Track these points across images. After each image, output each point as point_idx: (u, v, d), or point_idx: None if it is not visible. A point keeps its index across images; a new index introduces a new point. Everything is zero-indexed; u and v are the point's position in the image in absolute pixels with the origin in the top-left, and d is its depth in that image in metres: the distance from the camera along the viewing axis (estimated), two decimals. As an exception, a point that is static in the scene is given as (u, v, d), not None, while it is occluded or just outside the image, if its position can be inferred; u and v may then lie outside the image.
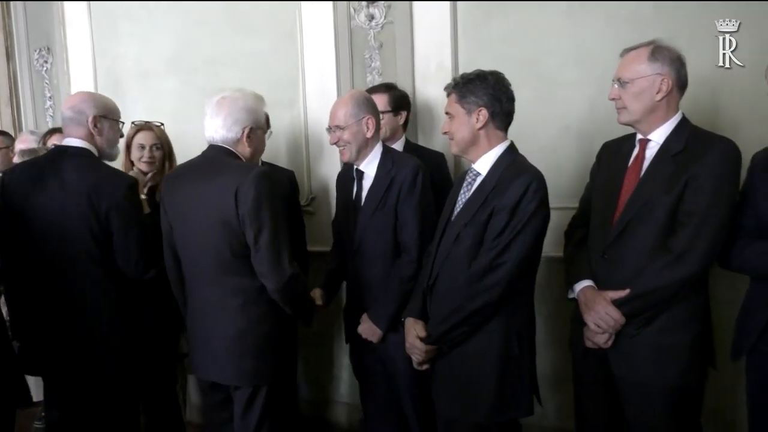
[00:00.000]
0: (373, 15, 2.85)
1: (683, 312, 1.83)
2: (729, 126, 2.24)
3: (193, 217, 1.97)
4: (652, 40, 1.88)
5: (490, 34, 2.69)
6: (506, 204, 1.81)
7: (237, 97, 2.02)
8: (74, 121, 2.16)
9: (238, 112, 2.00)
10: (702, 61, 2.38)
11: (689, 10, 2.40)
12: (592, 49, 2.49)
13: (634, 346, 1.86)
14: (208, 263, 1.96)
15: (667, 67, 1.82)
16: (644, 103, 1.84)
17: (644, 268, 1.81)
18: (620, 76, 1.86)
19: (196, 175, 1.99)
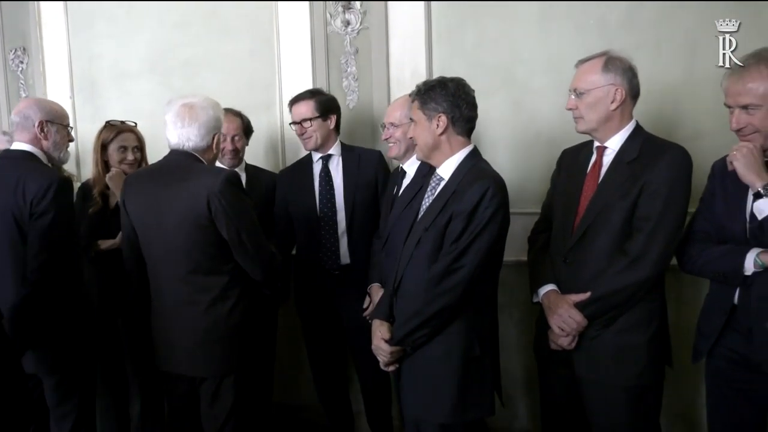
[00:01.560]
0: (349, 21, 2.88)
1: (641, 313, 1.89)
2: (689, 136, 2.31)
3: (161, 220, 2.02)
4: (604, 51, 1.94)
5: (464, 41, 2.74)
6: (463, 209, 1.83)
7: (206, 106, 2.07)
8: (21, 126, 2.21)
9: (209, 121, 2.07)
10: (670, 68, 2.45)
11: (653, 19, 2.47)
12: (562, 57, 2.53)
13: (596, 348, 1.91)
14: (178, 263, 2.02)
15: (619, 78, 1.89)
16: (599, 112, 1.91)
17: (603, 271, 1.87)
18: (576, 87, 1.93)
19: (162, 179, 2.05)
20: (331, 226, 2.63)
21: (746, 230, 1.75)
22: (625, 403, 1.91)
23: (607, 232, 1.88)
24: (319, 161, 2.69)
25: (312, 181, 2.68)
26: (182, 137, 2.05)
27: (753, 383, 1.78)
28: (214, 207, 1.95)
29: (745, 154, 1.69)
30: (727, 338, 1.82)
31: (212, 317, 2.03)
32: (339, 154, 2.68)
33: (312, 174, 2.69)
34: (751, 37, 2.28)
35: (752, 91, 1.67)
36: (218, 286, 2.03)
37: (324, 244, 2.63)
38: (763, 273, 1.69)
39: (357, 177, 2.61)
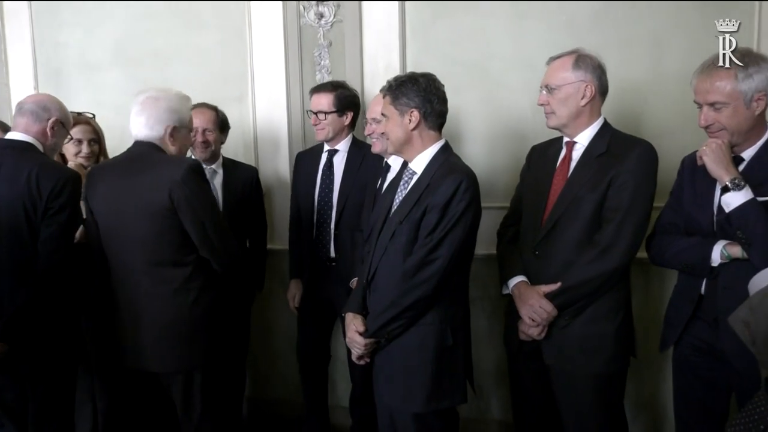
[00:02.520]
0: (322, 13, 2.87)
1: (609, 303, 1.96)
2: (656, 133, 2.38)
3: (121, 211, 2.02)
4: (575, 49, 1.99)
5: (438, 36, 2.76)
6: (438, 202, 1.85)
7: (160, 97, 2.08)
8: (35, 116, 2.15)
9: (161, 112, 2.06)
10: (638, 66, 2.52)
11: (621, 18, 2.53)
12: (533, 54, 2.57)
13: (565, 337, 1.97)
14: (138, 255, 2.02)
15: (590, 75, 1.95)
16: (570, 108, 1.96)
17: (573, 262, 1.93)
18: (548, 83, 1.98)
19: (123, 170, 2.05)
20: (325, 219, 2.66)
21: (713, 223, 1.82)
22: (593, 391, 1.97)
23: (576, 224, 1.94)
24: (326, 153, 2.69)
25: (317, 171, 2.70)
26: (134, 127, 2.07)
27: (717, 371, 1.85)
28: (176, 196, 1.94)
29: (714, 149, 1.75)
30: (693, 327, 1.88)
31: (174, 309, 2.02)
32: (346, 150, 2.68)
33: (318, 164, 2.71)
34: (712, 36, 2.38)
35: (720, 90, 1.73)
36: (180, 278, 2.02)
37: (318, 234, 2.67)
38: (728, 264, 1.76)
39: (356, 175, 2.61)
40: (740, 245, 1.72)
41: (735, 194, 1.70)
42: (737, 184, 1.70)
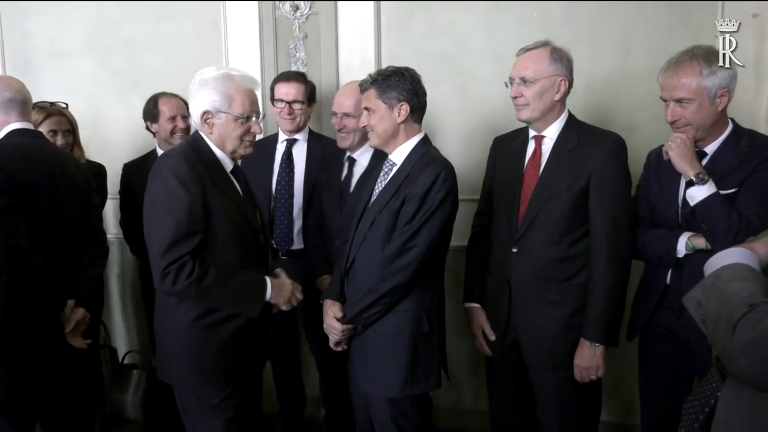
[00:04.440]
0: (298, 6, 2.87)
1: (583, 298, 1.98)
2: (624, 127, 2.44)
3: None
4: (545, 41, 1.99)
5: (412, 29, 2.78)
6: (417, 192, 1.89)
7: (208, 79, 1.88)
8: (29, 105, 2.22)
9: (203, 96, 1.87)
10: (607, 62, 2.58)
11: (591, 15, 2.59)
12: (506, 48, 2.59)
13: (547, 335, 1.99)
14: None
15: (563, 68, 1.97)
16: (545, 102, 1.97)
17: (552, 257, 1.96)
18: (523, 75, 1.96)
19: None
20: (287, 209, 2.64)
21: (679, 215, 1.89)
22: (575, 385, 2.00)
23: (554, 219, 1.95)
24: (284, 143, 2.69)
25: (272, 161, 2.68)
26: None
27: (681, 358, 1.92)
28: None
29: (679, 144, 1.81)
30: (659, 316, 1.95)
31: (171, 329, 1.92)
32: (305, 141, 2.69)
33: (274, 154, 2.69)
34: (682, 34, 2.45)
35: (686, 86, 1.79)
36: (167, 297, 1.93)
37: (278, 226, 2.65)
38: (693, 255, 1.83)
39: (319, 164, 2.61)
40: (704, 237, 1.80)
41: (699, 188, 1.76)
42: (701, 179, 1.76)
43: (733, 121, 1.87)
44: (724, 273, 1.07)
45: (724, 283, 1.04)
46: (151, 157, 2.80)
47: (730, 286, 1.02)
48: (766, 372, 0.90)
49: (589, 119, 2.15)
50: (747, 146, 1.81)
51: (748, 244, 1.17)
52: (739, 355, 0.93)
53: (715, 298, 1.03)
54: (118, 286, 3.31)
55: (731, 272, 1.06)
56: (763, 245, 1.13)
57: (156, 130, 2.78)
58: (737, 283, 1.02)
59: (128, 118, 3.02)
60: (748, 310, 0.94)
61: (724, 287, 1.03)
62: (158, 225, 1.77)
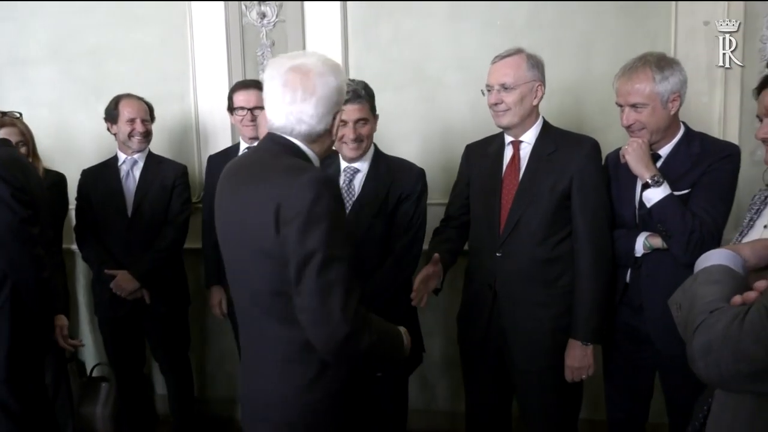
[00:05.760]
0: (264, 13, 2.88)
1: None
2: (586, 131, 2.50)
3: (231, 234, 1.47)
4: (519, 48, 2.03)
5: (379, 36, 2.82)
6: (412, 192, 2.13)
7: (324, 71, 1.41)
8: None
9: (331, 93, 1.42)
10: (569, 68, 2.65)
11: (553, 21, 2.66)
12: (470, 55, 2.68)
13: (536, 339, 2.02)
14: (244, 299, 1.47)
15: (539, 74, 2.01)
16: (525, 107, 2.00)
17: (538, 257, 1.99)
18: (503, 82, 1.97)
19: (241, 176, 1.46)
20: None
21: (636, 216, 1.96)
22: (560, 385, 2.03)
23: (537, 221, 1.97)
24: (245, 151, 2.68)
25: None
26: (292, 118, 1.40)
27: (642, 353, 1.99)
28: (283, 223, 1.31)
29: (635, 148, 1.87)
30: (620, 314, 2.02)
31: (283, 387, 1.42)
32: None
33: None
34: (639, 40, 2.54)
35: (640, 91, 1.85)
36: (293, 342, 1.39)
37: None
38: (650, 254, 1.90)
39: None
40: (661, 237, 1.87)
41: (655, 190, 1.83)
42: (657, 181, 1.83)
43: (684, 125, 1.95)
44: (701, 276, 1.10)
45: (697, 287, 1.07)
46: (110, 162, 2.78)
47: (700, 290, 1.05)
48: (720, 374, 0.93)
49: (553, 122, 2.20)
50: (698, 148, 1.89)
51: (733, 246, 1.21)
52: (698, 358, 0.96)
53: (687, 302, 1.06)
54: (85, 297, 3.26)
55: (706, 275, 1.09)
56: (749, 248, 1.17)
57: (115, 132, 2.74)
58: (706, 288, 1.05)
59: (93, 126, 2.98)
60: (707, 316, 0.97)
61: (695, 291, 1.06)
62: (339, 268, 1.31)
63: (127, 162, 2.75)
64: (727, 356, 0.90)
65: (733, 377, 0.91)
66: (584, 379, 2.02)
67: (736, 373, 0.90)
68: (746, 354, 0.88)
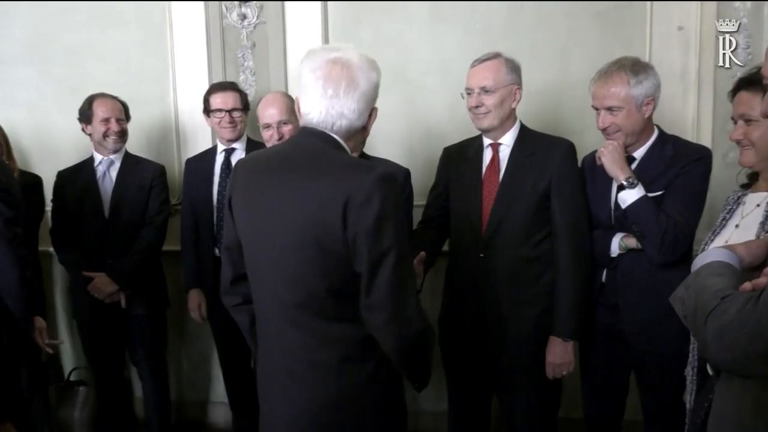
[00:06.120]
0: (245, 14, 2.88)
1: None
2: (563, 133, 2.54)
3: (271, 230, 1.38)
4: (497, 52, 2.07)
5: (360, 39, 2.82)
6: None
7: (363, 66, 1.37)
8: None
9: (371, 89, 1.39)
10: (547, 71, 2.69)
11: (531, 25, 2.70)
12: (450, 57, 2.71)
13: (523, 337, 2.05)
14: (293, 299, 1.38)
15: (517, 78, 2.06)
16: (505, 110, 2.04)
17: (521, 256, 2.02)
18: (483, 85, 2.01)
19: (284, 170, 1.38)
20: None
21: (612, 217, 2.00)
22: (542, 383, 2.08)
23: (519, 220, 2.01)
24: (222, 153, 2.69)
25: (213, 171, 2.68)
26: (333, 112, 1.35)
27: (618, 351, 2.02)
28: (353, 221, 1.27)
29: (611, 150, 1.92)
30: (596, 313, 2.05)
31: (340, 388, 1.38)
32: (243, 149, 2.69)
33: (214, 165, 2.69)
34: (615, 45, 2.58)
35: (615, 95, 1.90)
36: (351, 341, 1.37)
37: (222, 235, 2.63)
38: (625, 254, 1.94)
39: None
40: (635, 237, 1.90)
41: (630, 192, 1.87)
42: (631, 183, 1.87)
43: (658, 128, 2.00)
44: (703, 270, 1.14)
45: (702, 280, 1.10)
46: (86, 163, 2.75)
47: (707, 282, 1.08)
48: (734, 357, 0.96)
49: (530, 125, 2.24)
50: (671, 151, 1.93)
51: (729, 245, 1.24)
52: (711, 342, 0.99)
53: (694, 293, 1.09)
54: (62, 300, 3.23)
55: (708, 270, 1.13)
56: (744, 247, 1.20)
57: (90, 132, 2.71)
58: (712, 279, 1.08)
59: (70, 127, 2.94)
60: (719, 302, 1.00)
61: (701, 283, 1.09)
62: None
63: (103, 163, 2.73)
64: (742, 338, 0.93)
65: (747, 358, 0.94)
66: (564, 375, 2.06)
67: (751, 354, 0.93)
68: (760, 335, 0.90)
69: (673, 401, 1.87)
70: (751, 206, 1.55)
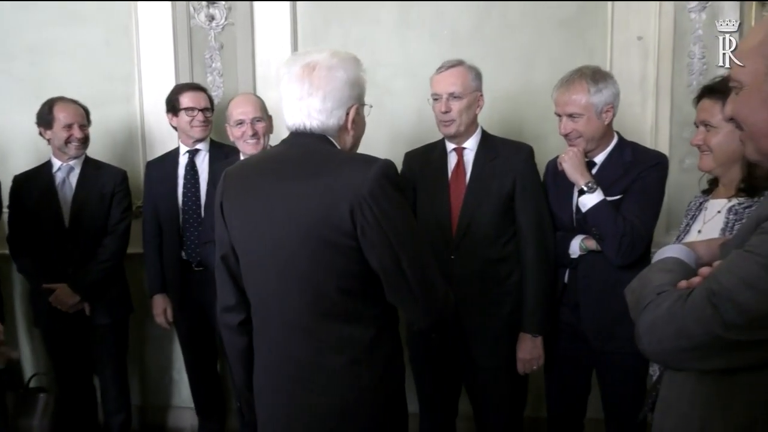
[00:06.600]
0: (213, 15, 2.86)
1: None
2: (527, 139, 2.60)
3: (273, 233, 1.37)
4: (460, 60, 2.12)
5: (328, 42, 2.83)
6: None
7: (334, 65, 1.38)
8: None
9: (341, 86, 1.38)
10: (511, 78, 2.74)
11: (497, 33, 2.75)
12: (418, 62, 2.73)
13: (495, 337, 2.11)
14: (297, 302, 1.37)
15: (480, 85, 2.12)
16: (470, 116, 2.10)
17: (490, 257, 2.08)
18: (451, 91, 2.06)
19: (280, 172, 1.39)
20: (195, 219, 2.62)
21: (573, 220, 2.06)
22: (513, 380, 2.15)
23: (488, 224, 2.07)
24: (186, 155, 2.67)
25: (176, 174, 2.66)
26: (302, 114, 1.37)
27: (579, 350, 2.08)
28: (360, 216, 1.28)
29: (571, 156, 1.98)
30: (560, 313, 2.11)
31: (350, 391, 1.38)
32: (207, 150, 2.69)
33: (177, 167, 2.68)
34: (578, 53, 2.65)
35: (576, 102, 1.96)
36: (360, 342, 1.37)
37: (188, 238, 2.63)
38: (586, 255, 2.00)
39: (222, 173, 2.59)
40: (595, 239, 1.97)
41: (590, 196, 1.94)
42: (591, 187, 1.94)
43: (618, 134, 2.07)
44: (655, 265, 1.17)
45: (650, 273, 1.14)
46: (44, 169, 2.69)
47: (653, 277, 1.11)
48: (663, 350, 1.00)
49: (495, 131, 2.29)
50: (630, 157, 2.00)
51: (690, 243, 1.29)
52: (643, 335, 1.03)
53: (639, 286, 1.12)
54: (21, 305, 3.15)
55: (660, 265, 1.16)
56: (705, 245, 1.25)
57: (50, 138, 2.64)
58: (658, 274, 1.11)
59: (31, 128, 2.88)
60: (654, 297, 1.03)
61: (648, 277, 1.13)
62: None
63: (62, 169, 2.66)
64: (670, 333, 0.97)
65: (674, 353, 0.98)
66: (535, 370, 2.13)
67: (676, 349, 0.97)
68: (686, 331, 0.94)
69: (632, 398, 1.94)
70: (712, 212, 1.63)
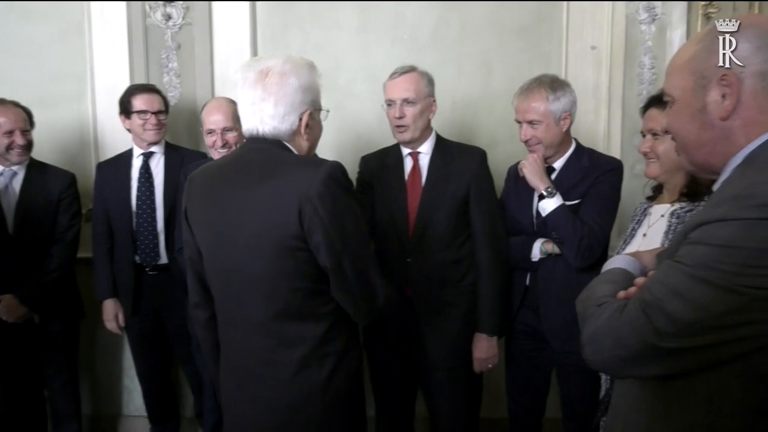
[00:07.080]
0: (170, 15, 2.80)
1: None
2: (486, 144, 2.66)
3: (229, 237, 1.43)
4: (412, 66, 2.14)
5: (289, 44, 2.83)
6: None
7: (286, 71, 1.42)
8: None
9: (294, 92, 1.42)
10: (470, 83, 2.79)
11: (456, 39, 2.79)
12: (379, 66, 2.74)
13: (454, 337, 2.14)
14: (253, 301, 1.44)
15: (433, 90, 2.16)
16: (424, 121, 2.13)
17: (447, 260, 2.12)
18: (405, 97, 2.08)
19: (235, 178, 1.45)
20: (150, 223, 2.57)
21: (534, 224, 2.11)
22: (469, 379, 2.19)
23: (443, 227, 2.10)
24: (140, 157, 2.61)
25: (129, 176, 2.60)
26: (255, 119, 1.42)
27: (539, 351, 2.13)
28: (307, 217, 1.34)
29: (531, 162, 2.04)
30: (521, 315, 2.16)
31: (301, 387, 1.43)
32: (162, 153, 2.64)
33: (131, 169, 2.61)
34: (535, 60, 2.72)
35: (535, 110, 2.01)
36: (313, 339, 1.43)
37: (142, 242, 2.57)
38: (546, 259, 2.06)
39: (178, 176, 2.53)
40: (555, 243, 2.02)
41: (549, 201, 1.99)
42: (550, 192, 1.99)
43: (576, 141, 2.13)
44: (602, 276, 1.21)
45: (595, 284, 1.17)
46: None
47: (597, 288, 1.15)
48: (603, 359, 1.03)
49: (454, 136, 2.32)
50: (587, 162, 2.06)
51: (636, 253, 1.33)
52: (585, 345, 1.06)
53: (585, 297, 1.15)
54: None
55: (606, 276, 1.20)
56: (649, 254, 1.29)
57: None
58: (603, 286, 1.14)
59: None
60: (596, 309, 1.06)
61: (593, 288, 1.16)
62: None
63: (5, 174, 2.54)
64: (609, 343, 1.00)
65: (613, 361, 1.01)
66: (490, 368, 2.17)
67: (615, 358, 1.00)
68: (623, 341, 0.97)
69: (589, 398, 1.99)
70: (656, 217, 1.70)
